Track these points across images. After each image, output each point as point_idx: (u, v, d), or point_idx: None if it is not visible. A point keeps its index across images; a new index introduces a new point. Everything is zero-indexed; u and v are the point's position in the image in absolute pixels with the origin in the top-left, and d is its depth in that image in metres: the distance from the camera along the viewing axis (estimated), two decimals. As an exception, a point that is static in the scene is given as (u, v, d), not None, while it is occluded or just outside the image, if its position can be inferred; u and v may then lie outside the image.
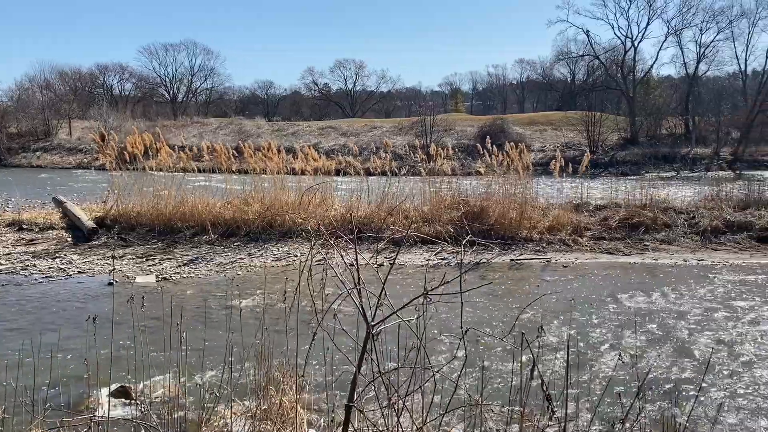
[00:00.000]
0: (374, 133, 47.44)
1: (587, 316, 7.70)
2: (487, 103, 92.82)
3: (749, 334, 7.02)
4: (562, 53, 55.91)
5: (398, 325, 2.77)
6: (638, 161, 35.44)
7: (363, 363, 2.57)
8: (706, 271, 10.26)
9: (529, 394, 2.68)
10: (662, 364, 6.11)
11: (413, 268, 10.55)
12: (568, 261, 11.15)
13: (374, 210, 13.14)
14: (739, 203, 14.32)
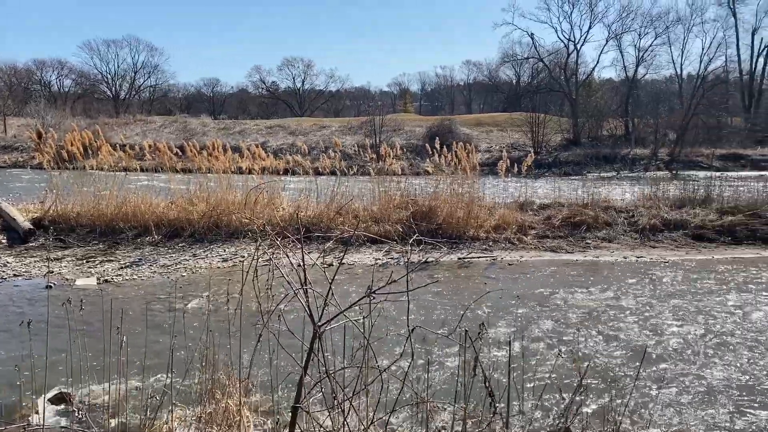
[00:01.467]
0: (323, 132, 47.24)
1: (532, 313, 7.87)
2: (435, 103, 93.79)
3: (685, 327, 7.31)
4: (507, 55, 57.08)
5: (345, 325, 2.77)
6: (580, 161, 36.43)
7: (310, 363, 2.55)
8: (645, 268, 10.63)
9: (475, 390, 2.72)
10: (603, 357, 6.31)
11: (362, 267, 10.56)
12: (514, 259, 11.37)
13: (323, 210, 13.08)
14: (676, 202, 14.91)
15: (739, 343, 6.75)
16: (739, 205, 14.05)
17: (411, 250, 9.21)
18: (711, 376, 5.85)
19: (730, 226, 13.07)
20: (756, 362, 6.19)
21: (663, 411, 5.11)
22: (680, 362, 6.19)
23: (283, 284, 2.82)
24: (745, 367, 6.08)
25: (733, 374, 5.89)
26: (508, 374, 2.60)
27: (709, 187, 15.65)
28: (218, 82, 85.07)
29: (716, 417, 5.02)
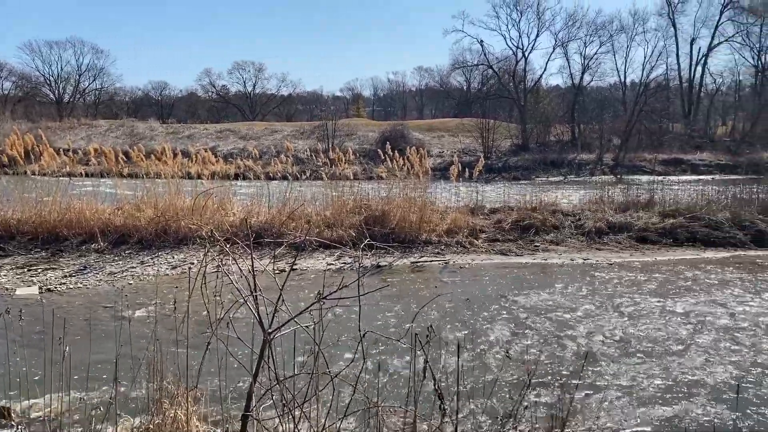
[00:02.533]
0: (275, 136, 46.84)
1: (483, 315, 7.99)
2: (388, 108, 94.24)
3: (629, 327, 7.55)
4: (458, 62, 57.82)
5: (297, 331, 2.75)
6: (529, 166, 37.18)
7: (260, 371, 2.53)
8: (591, 270, 10.93)
9: (427, 393, 2.75)
10: (551, 357, 6.45)
11: (315, 273, 10.51)
12: (465, 262, 11.51)
13: (275, 215, 12.97)
14: (620, 206, 15.38)
15: (680, 343, 7.00)
16: (680, 208, 14.58)
17: (363, 255, 9.22)
18: (652, 374, 6.05)
19: (672, 229, 13.56)
20: (694, 360, 6.44)
21: (607, 409, 5.27)
22: (624, 361, 6.39)
23: (235, 291, 2.79)
24: (685, 366, 6.31)
25: (674, 373, 6.11)
26: (457, 376, 2.64)
27: (652, 191, 16.22)
28: (167, 86, 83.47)
29: (657, 414, 5.20)
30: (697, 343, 6.97)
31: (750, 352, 6.65)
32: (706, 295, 9.08)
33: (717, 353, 6.63)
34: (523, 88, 49.37)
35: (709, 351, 6.70)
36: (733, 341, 7.01)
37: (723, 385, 5.79)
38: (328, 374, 2.51)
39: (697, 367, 6.22)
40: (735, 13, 49.21)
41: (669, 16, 51.26)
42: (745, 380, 5.89)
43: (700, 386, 5.76)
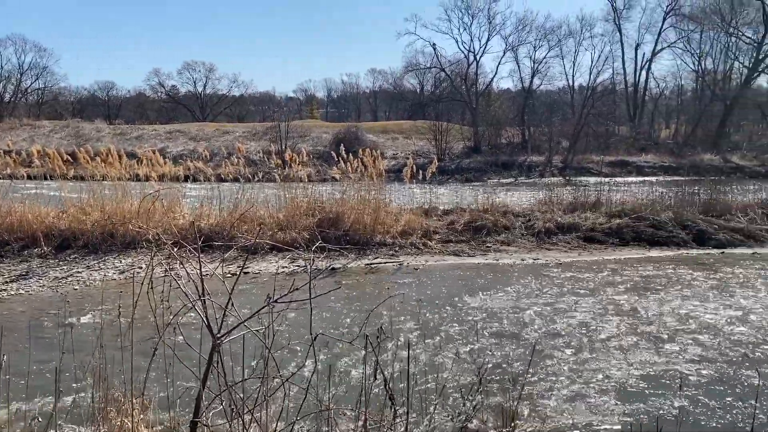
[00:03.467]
0: (226, 137, 46.13)
1: (436, 315, 8.05)
2: (341, 110, 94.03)
3: (577, 324, 7.73)
4: (411, 65, 58.14)
5: (249, 335, 2.71)
6: (481, 168, 37.68)
7: (210, 376, 2.48)
8: (540, 269, 11.15)
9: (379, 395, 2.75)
10: (502, 356, 6.55)
11: (268, 276, 10.39)
12: (419, 263, 11.59)
13: (226, 217, 12.77)
14: (568, 206, 15.75)
15: (626, 339, 7.21)
16: (626, 208, 15.02)
17: (316, 257, 9.17)
18: (599, 369, 6.21)
19: (618, 229, 13.95)
20: (640, 355, 6.64)
21: (555, 403, 5.38)
22: (572, 357, 6.54)
23: (184, 296, 2.73)
24: (631, 360, 6.51)
25: (620, 367, 6.28)
26: (407, 377, 2.65)
27: (599, 192, 16.66)
28: (114, 86, 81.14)
29: (603, 408, 5.34)
30: (643, 338, 7.19)
31: (696, 347, 6.90)
32: (651, 293, 9.38)
33: (664, 348, 6.86)
34: (475, 91, 50.02)
35: (655, 346, 6.92)
36: (679, 336, 7.26)
37: (667, 378, 5.99)
38: (279, 378, 2.49)
39: (643, 362, 6.42)
40: (677, 20, 51.09)
41: (615, 22, 52.85)
42: (688, 373, 6.10)
43: (646, 380, 5.94)
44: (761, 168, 38.01)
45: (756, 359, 6.55)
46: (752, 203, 15.90)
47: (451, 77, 53.54)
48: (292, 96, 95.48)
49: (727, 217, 14.80)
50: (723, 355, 6.67)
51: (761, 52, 46.86)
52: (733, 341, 7.11)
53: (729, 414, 5.25)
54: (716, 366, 6.34)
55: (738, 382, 5.92)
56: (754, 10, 47.36)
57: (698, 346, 6.95)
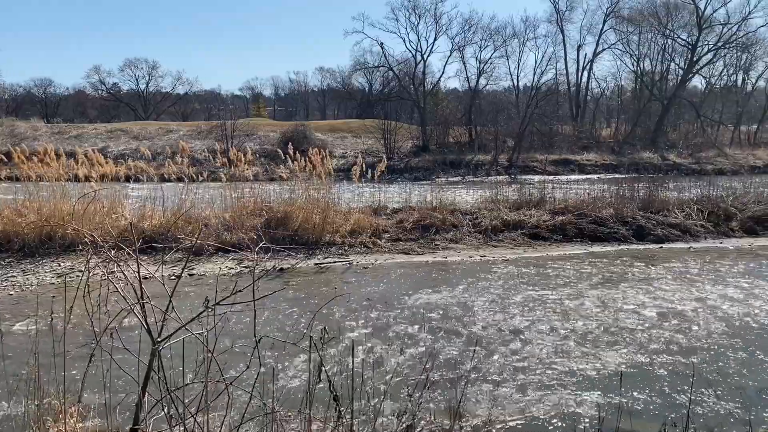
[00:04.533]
0: (170, 136, 45.05)
1: (385, 314, 8.07)
2: (289, 108, 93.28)
3: (524, 319, 7.89)
4: (359, 63, 58.06)
5: (193, 339, 2.64)
6: (430, 167, 37.98)
7: (150, 381, 2.41)
8: (487, 266, 11.32)
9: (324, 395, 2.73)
10: (449, 353, 6.62)
11: (214, 277, 10.20)
12: (369, 262, 11.59)
13: (170, 218, 12.46)
14: (514, 204, 16.05)
15: (570, 333, 7.39)
16: (569, 206, 15.41)
17: (264, 258, 9.04)
18: (543, 363, 6.35)
19: (562, 225, 14.31)
20: (583, 346, 6.83)
21: (500, 398, 5.47)
22: (518, 352, 6.67)
23: (127, 300, 2.64)
24: (574, 354, 6.68)
25: (565, 362, 6.44)
26: (351, 377, 2.64)
27: (543, 190, 17.03)
28: (51, 83, 78.10)
29: (545, 401, 5.46)
30: (586, 332, 7.39)
31: (634, 340, 7.13)
32: (593, 287, 9.65)
33: (605, 341, 7.06)
34: (422, 90, 50.36)
35: (597, 339, 7.12)
36: (619, 330, 7.49)
37: (609, 369, 6.17)
38: (222, 382, 2.44)
39: (585, 355, 6.60)
40: (616, 22, 52.69)
41: (557, 24, 54.14)
42: (627, 364, 6.31)
43: (589, 372, 6.11)
44: (696, 165, 39.63)
45: (689, 349, 6.82)
46: (688, 199, 16.55)
47: (399, 76, 53.73)
48: (238, 94, 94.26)
49: (664, 213, 15.37)
50: (659, 346, 6.92)
51: (695, 54, 48.90)
52: (669, 332, 7.39)
53: (666, 403, 5.45)
54: (653, 357, 6.57)
55: (674, 372, 6.16)
56: (689, 14, 49.40)
57: (636, 338, 7.19)
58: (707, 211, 15.42)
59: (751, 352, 6.76)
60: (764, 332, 7.41)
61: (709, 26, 48.46)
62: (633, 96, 55.65)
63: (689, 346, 6.95)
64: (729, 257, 12.16)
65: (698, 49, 48.81)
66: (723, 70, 53.51)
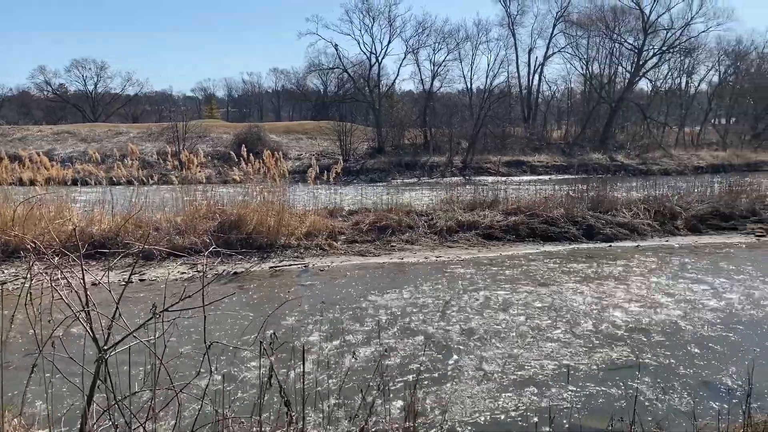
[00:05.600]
0: (120, 138, 43.93)
1: (341, 317, 8.05)
2: (243, 110, 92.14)
3: (478, 318, 7.99)
4: (313, 65, 57.78)
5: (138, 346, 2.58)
6: (385, 169, 38.09)
7: (97, 391, 2.34)
8: (443, 267, 11.42)
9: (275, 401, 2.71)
10: (406, 354, 6.65)
11: (166, 282, 9.99)
12: (325, 265, 11.55)
13: (119, 222, 12.14)
14: (468, 205, 16.24)
15: (523, 331, 7.53)
16: (521, 206, 15.68)
17: (217, 262, 8.91)
18: (497, 363, 6.45)
19: (515, 226, 14.55)
20: (536, 345, 6.96)
21: (456, 398, 5.53)
22: (472, 351, 6.75)
23: (71, 307, 2.56)
24: (526, 353, 6.80)
25: (518, 360, 6.55)
26: (303, 381, 2.63)
27: (496, 190, 17.30)
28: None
29: (501, 399, 5.55)
30: (538, 330, 7.53)
31: (584, 337, 7.31)
32: (546, 286, 9.85)
33: (557, 339, 7.21)
34: (377, 92, 50.49)
35: (549, 337, 7.27)
36: (571, 327, 7.66)
37: (559, 367, 6.31)
38: (172, 389, 2.39)
39: (537, 354, 6.73)
40: (566, 26, 53.94)
41: (509, 27, 55.01)
42: (575, 362, 6.46)
43: (540, 370, 6.23)
44: (643, 166, 40.87)
45: (635, 344, 7.03)
46: (635, 199, 17.06)
47: (354, 78, 53.74)
48: (190, 95, 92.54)
49: (613, 212, 15.80)
50: (607, 342, 7.12)
51: (641, 57, 50.44)
52: (616, 328, 7.60)
53: (611, 398, 5.60)
54: (600, 353, 6.75)
55: (620, 367, 6.34)
56: (635, 19, 50.93)
57: (586, 334, 7.38)
58: (654, 211, 15.92)
59: (694, 345, 7.01)
60: (706, 327, 7.70)
61: (654, 31, 50.08)
62: (582, 98, 57.02)
63: (635, 341, 7.16)
64: (674, 255, 12.58)
65: (644, 53, 50.39)
66: (668, 73, 55.36)
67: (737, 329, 7.59)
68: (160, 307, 2.45)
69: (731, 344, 7.06)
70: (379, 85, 51.40)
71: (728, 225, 15.71)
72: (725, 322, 7.88)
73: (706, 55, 53.97)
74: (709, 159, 43.63)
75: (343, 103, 55.75)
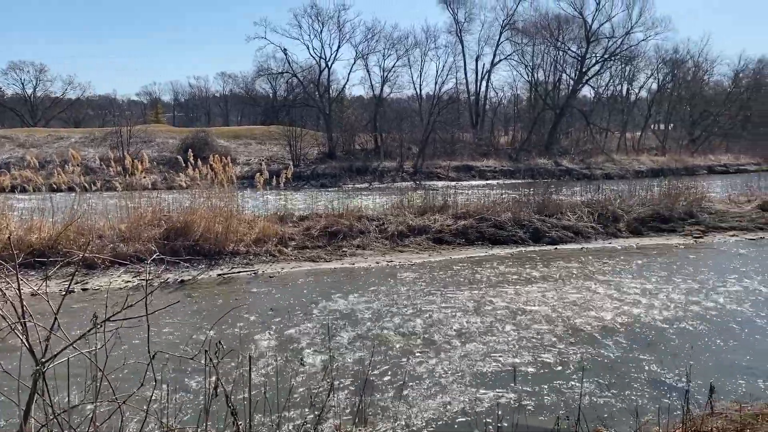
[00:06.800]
0: (61, 144, 42.43)
1: (289, 323, 7.99)
2: (190, 114, 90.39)
3: (427, 321, 8.05)
4: (262, 69, 57.16)
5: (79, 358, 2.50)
6: (336, 174, 38.01)
7: (35, 405, 2.26)
8: (394, 271, 11.47)
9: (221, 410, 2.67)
10: (355, 359, 6.64)
11: (110, 291, 9.70)
12: (275, 271, 11.43)
13: (60, 230, 11.73)
14: (419, 210, 16.38)
15: (471, 333, 7.63)
16: (470, 210, 15.91)
17: (163, 270, 8.70)
18: (446, 365, 6.52)
19: (464, 229, 14.75)
20: (482, 347, 7.07)
21: (406, 401, 5.56)
22: (421, 355, 6.80)
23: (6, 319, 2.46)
24: (473, 355, 6.89)
25: (466, 362, 6.63)
26: (249, 389, 2.60)
27: (446, 195, 17.49)
28: None
29: (449, 402, 5.61)
30: (486, 332, 7.65)
31: (531, 336, 7.46)
32: (494, 287, 10.01)
33: (503, 340, 7.34)
34: (328, 97, 50.36)
35: (495, 338, 7.39)
36: (517, 329, 7.81)
37: (506, 367, 6.42)
38: (115, 401, 2.33)
39: (484, 355, 6.83)
40: (512, 34, 55.03)
41: (457, 35, 55.77)
42: (522, 361, 6.59)
43: (488, 371, 6.33)
44: (587, 170, 42.06)
45: (580, 344, 7.23)
46: (580, 203, 17.54)
47: (304, 83, 53.44)
48: (135, 99, 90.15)
49: (558, 216, 16.20)
50: (553, 342, 7.29)
51: (584, 65, 51.94)
52: (562, 329, 7.79)
53: (559, 397, 5.74)
54: (546, 353, 6.91)
55: (565, 367, 6.50)
56: (578, 27, 52.43)
57: (532, 335, 7.53)
58: (597, 214, 16.40)
59: (637, 344, 7.25)
60: (647, 326, 7.98)
61: (596, 39, 51.63)
62: (528, 105, 58.28)
63: (580, 341, 7.36)
64: (617, 256, 12.99)
65: (587, 61, 51.87)
66: (609, 80, 57.10)
67: (676, 328, 7.89)
68: (102, 317, 2.38)
69: (671, 343, 7.34)
70: (329, 90, 51.27)
71: (668, 227, 16.31)
72: (665, 321, 8.18)
73: (645, 63, 56.00)
74: (649, 163, 45.23)
75: (293, 107, 55.35)
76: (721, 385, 5.90)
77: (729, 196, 21.13)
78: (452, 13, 55.43)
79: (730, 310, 8.72)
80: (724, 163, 47.14)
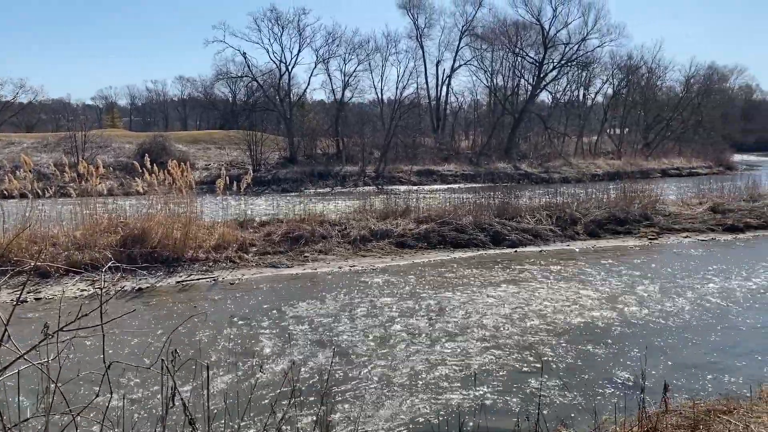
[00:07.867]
0: (12, 149, 41.06)
1: (249, 330, 7.91)
2: (147, 119, 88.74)
3: (390, 326, 8.07)
4: (221, 73, 56.46)
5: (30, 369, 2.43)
6: (298, 178, 37.76)
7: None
8: (357, 276, 11.46)
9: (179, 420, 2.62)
10: (317, 365, 6.61)
11: (65, 301, 9.43)
12: (235, 278, 11.29)
13: (12, 238, 11.36)
14: (381, 214, 16.41)
15: (433, 338, 7.68)
16: (432, 214, 16.03)
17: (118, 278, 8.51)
18: (409, 370, 6.55)
19: (426, 233, 14.84)
20: (444, 350, 7.12)
21: (370, 406, 5.56)
22: (384, 360, 6.82)
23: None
24: (435, 359, 6.94)
25: (428, 367, 6.67)
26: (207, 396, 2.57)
27: (408, 199, 17.58)
28: None
29: (412, 407, 5.63)
30: (448, 336, 7.71)
31: (491, 340, 7.55)
32: (455, 291, 10.10)
33: (463, 344, 7.41)
34: (288, 101, 50.05)
35: (457, 342, 7.46)
36: (479, 331, 7.89)
37: (466, 372, 6.48)
38: (69, 413, 2.27)
39: (446, 359, 6.88)
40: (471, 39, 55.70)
41: (417, 40, 56.14)
42: (481, 365, 6.66)
43: (449, 375, 6.38)
44: (545, 174, 42.80)
45: (538, 345, 7.35)
46: (538, 206, 17.83)
47: (264, 87, 52.98)
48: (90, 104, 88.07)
49: (518, 219, 16.44)
50: (512, 343, 7.39)
51: (542, 71, 52.92)
52: (521, 330, 7.91)
53: (517, 398, 5.82)
54: (506, 355, 7.00)
55: (524, 368, 6.60)
56: (536, 34, 53.40)
57: (493, 338, 7.63)
58: (555, 216, 16.70)
59: (593, 345, 7.41)
60: (604, 326, 8.16)
61: (553, 45, 52.67)
62: (488, 110, 59.03)
63: (539, 342, 7.48)
64: (575, 258, 13.25)
65: (544, 67, 52.85)
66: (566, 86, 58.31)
67: (631, 327, 8.10)
68: (55, 327, 2.32)
69: (626, 342, 7.52)
70: (290, 95, 50.95)
71: (624, 229, 16.71)
72: (620, 321, 8.38)
73: (601, 69, 57.33)
74: (605, 167, 46.27)
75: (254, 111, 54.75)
76: (676, 382, 6.07)
77: (682, 198, 21.79)
78: (412, 19, 55.76)
79: (685, 309, 8.98)
80: (677, 166, 48.52)
